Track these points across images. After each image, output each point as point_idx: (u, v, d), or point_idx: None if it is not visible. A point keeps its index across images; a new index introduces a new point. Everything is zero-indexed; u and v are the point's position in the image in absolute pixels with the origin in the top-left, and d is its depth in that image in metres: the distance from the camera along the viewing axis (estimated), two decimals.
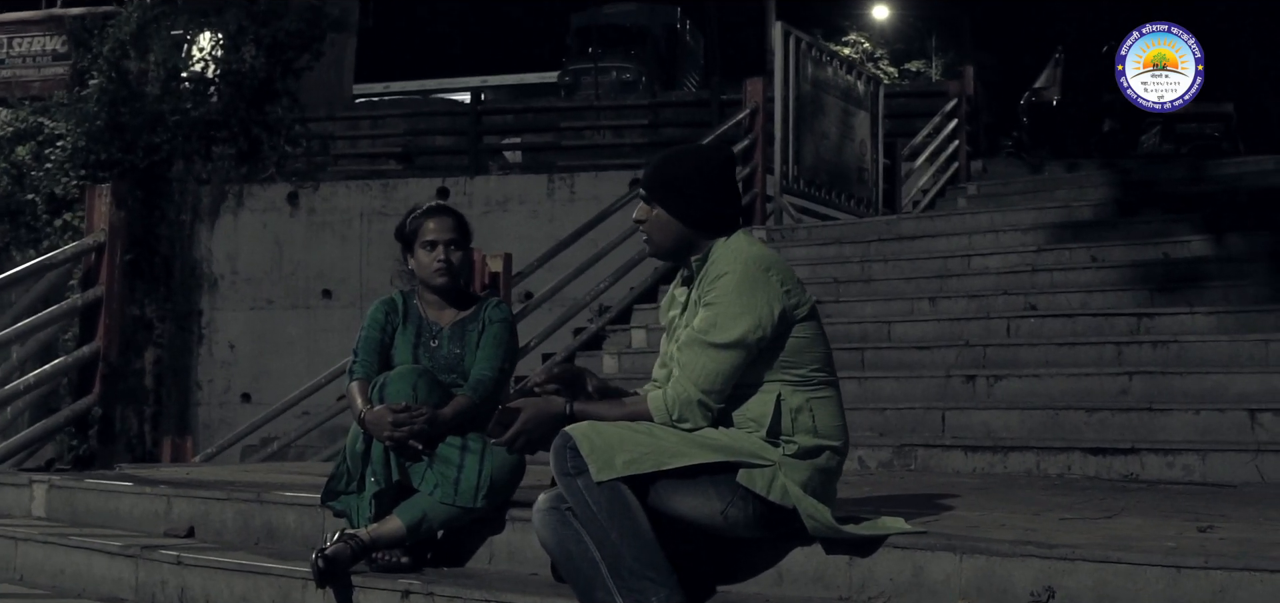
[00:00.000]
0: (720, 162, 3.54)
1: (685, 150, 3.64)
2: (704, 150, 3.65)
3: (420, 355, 4.21)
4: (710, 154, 3.57)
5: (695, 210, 3.43)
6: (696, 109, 16.41)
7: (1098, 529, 3.57)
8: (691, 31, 25.89)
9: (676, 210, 3.45)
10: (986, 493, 4.96)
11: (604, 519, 3.19)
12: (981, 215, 10.20)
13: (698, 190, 3.43)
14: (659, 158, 3.61)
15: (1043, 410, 6.41)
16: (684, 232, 3.46)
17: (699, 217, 3.44)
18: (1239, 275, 7.67)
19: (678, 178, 3.47)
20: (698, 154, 3.58)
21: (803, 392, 3.33)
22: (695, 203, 3.43)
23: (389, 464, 3.92)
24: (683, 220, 3.45)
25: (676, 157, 3.57)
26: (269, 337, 15.40)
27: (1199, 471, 5.63)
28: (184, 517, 4.85)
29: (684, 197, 3.44)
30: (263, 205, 15.50)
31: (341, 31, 16.97)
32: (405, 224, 4.32)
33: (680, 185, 3.45)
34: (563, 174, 15.27)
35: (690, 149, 3.66)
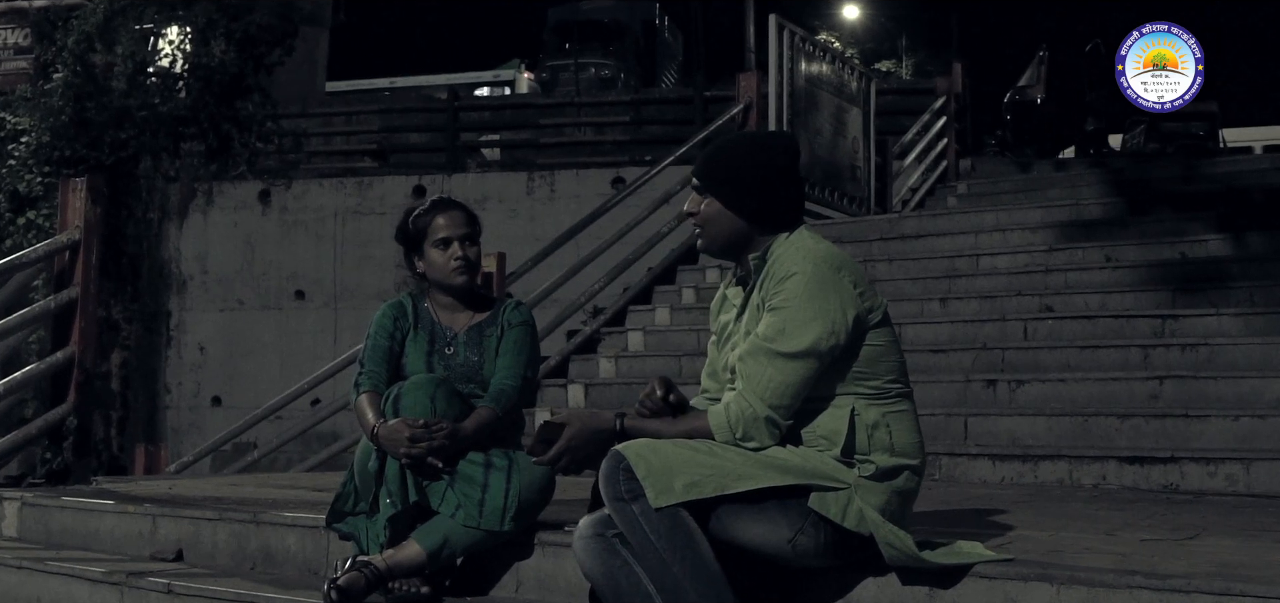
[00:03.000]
0: (783, 149, 3.17)
1: (744, 137, 3.33)
2: (765, 137, 3.33)
3: (434, 364, 3.85)
4: (772, 141, 3.26)
5: (754, 203, 3.09)
6: (680, 106, 16.06)
7: (1190, 554, 3.26)
8: (670, 28, 25.55)
9: (733, 203, 3.11)
10: (1032, 507, 4.65)
11: (664, 550, 2.85)
12: (986, 214, 9.91)
13: (757, 181, 3.09)
14: (714, 145, 3.27)
15: (1071, 417, 6.13)
16: (741, 226, 3.12)
17: (758, 210, 3.09)
18: (1263, 276, 7.42)
19: (736, 167, 3.12)
20: (758, 141, 3.29)
21: (878, 406, 3.00)
22: (754, 195, 3.09)
23: (406, 484, 3.56)
24: (740, 214, 3.11)
25: (734, 144, 3.24)
26: (240, 339, 14.95)
27: (1243, 481, 5.37)
28: (171, 539, 4.47)
29: (742, 188, 3.10)
30: (233, 203, 15.04)
31: (314, 26, 16.53)
32: (408, 224, 3.95)
33: (738, 175, 3.11)
34: (542, 172, 14.90)
35: (749, 135, 3.35)
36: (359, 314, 14.62)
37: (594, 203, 12.29)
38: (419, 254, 3.93)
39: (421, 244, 3.91)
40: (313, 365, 14.32)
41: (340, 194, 14.98)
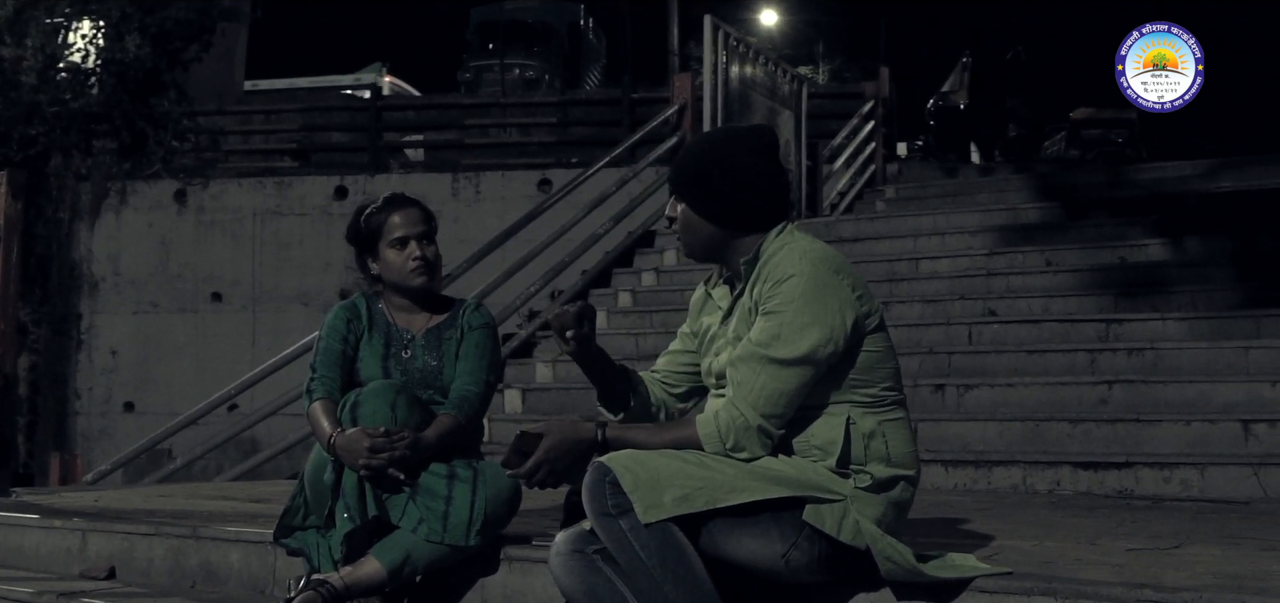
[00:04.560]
0: (751, 148, 2.97)
1: (712, 136, 3.14)
2: (734, 134, 3.11)
3: (391, 368, 3.64)
4: (740, 139, 3.01)
5: (722, 207, 2.92)
6: (607, 107, 15.89)
7: (1185, 564, 3.16)
8: (594, 29, 25.35)
9: (704, 209, 2.95)
10: (995, 515, 4.56)
11: (655, 568, 2.68)
12: (924, 218, 9.88)
13: (728, 184, 2.91)
14: (685, 147, 3.10)
15: (1022, 422, 6.08)
16: (716, 232, 2.96)
17: (729, 213, 2.93)
18: (1203, 280, 7.45)
19: (703, 170, 2.95)
20: (726, 140, 3.03)
21: (874, 414, 2.86)
22: (725, 198, 2.92)
23: (364, 498, 3.35)
24: (712, 220, 2.95)
25: (703, 146, 3.04)
26: (154, 343, 14.48)
27: (1198, 486, 5.36)
28: (103, 555, 4.20)
29: (712, 192, 2.93)
30: (148, 203, 14.56)
31: (232, 22, 16.09)
32: (360, 223, 3.72)
33: (706, 179, 2.94)
34: (468, 173, 14.60)
35: (718, 134, 3.15)
36: (278, 318, 14.27)
37: (520, 204, 12.10)
38: (373, 255, 3.72)
39: (376, 244, 3.70)
40: (230, 370, 13.96)
41: (259, 194, 14.56)
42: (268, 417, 7.89)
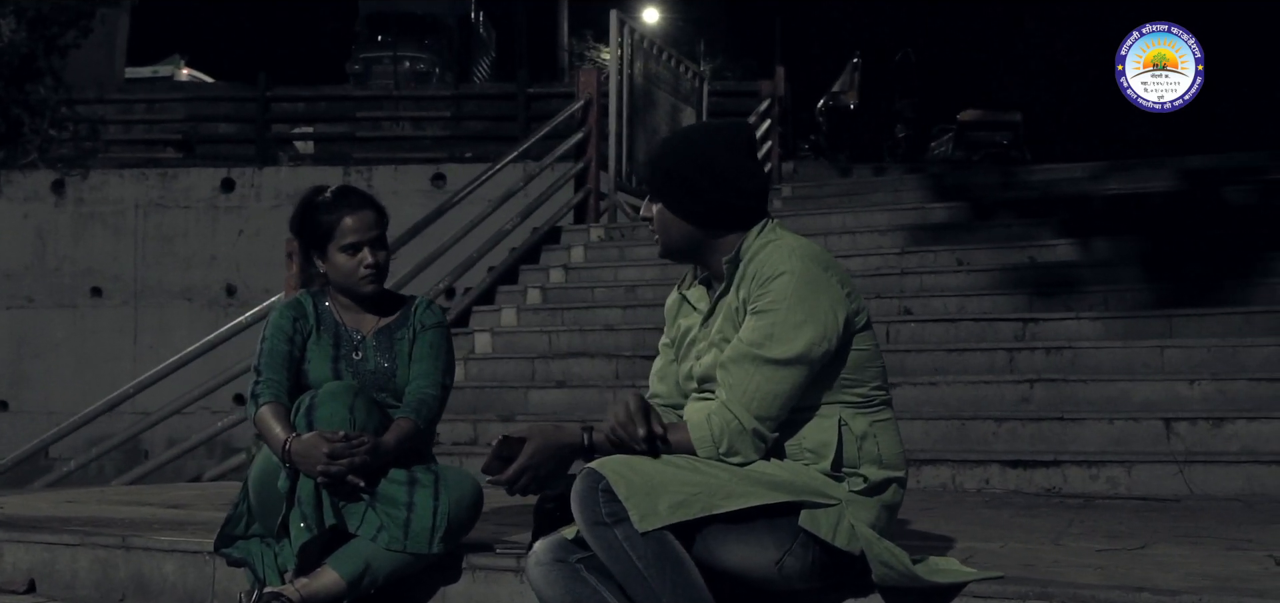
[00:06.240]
0: (730, 143, 2.87)
1: (689, 133, 3.01)
2: (712, 130, 3.00)
3: (342, 370, 3.48)
4: (719, 135, 2.90)
5: (705, 205, 2.82)
6: (502, 102, 15.70)
7: (1165, 566, 3.16)
8: (484, 23, 25.07)
9: (683, 208, 2.84)
10: (935, 514, 4.54)
11: (652, 578, 2.57)
12: (833, 216, 9.92)
13: (707, 182, 2.81)
14: (657, 144, 3.00)
15: (947, 421, 6.10)
16: (693, 232, 2.86)
17: (709, 212, 2.83)
18: (1113, 280, 7.58)
19: (676, 169, 2.84)
20: (704, 137, 2.91)
21: (865, 415, 2.79)
22: (704, 196, 2.82)
23: (321, 506, 3.19)
24: (690, 219, 2.85)
25: (678, 144, 2.92)
26: (30, 339, 13.91)
27: (1125, 483, 5.42)
28: (21, 567, 3.94)
29: (691, 191, 2.82)
30: (23, 194, 13.96)
31: (112, 7, 15.53)
32: (308, 218, 3.53)
33: (680, 178, 2.83)
34: (359, 166, 14.28)
35: (695, 131, 3.02)
36: (161, 314, 13.82)
37: (414, 199, 11.89)
38: (321, 254, 3.53)
39: (325, 245, 3.51)
40: (111, 367, 13.50)
41: (141, 185, 14.06)
42: (169, 417, 7.58)
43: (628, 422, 2.73)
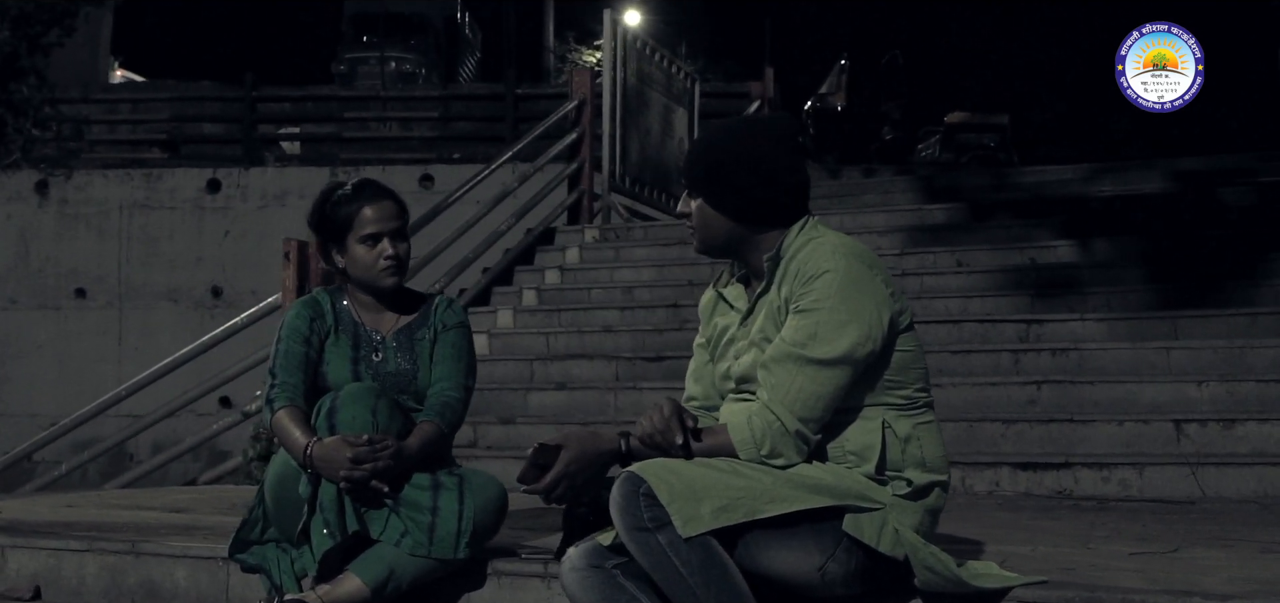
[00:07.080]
0: (772, 137, 2.81)
1: (730, 126, 2.94)
2: (754, 124, 2.95)
3: (361, 371, 3.40)
4: (760, 130, 2.85)
5: (746, 202, 2.76)
6: (491, 103, 15.63)
7: (1206, 569, 3.11)
8: (470, 24, 24.96)
9: (720, 204, 2.78)
10: (954, 517, 4.44)
11: (696, 584, 2.50)
12: (831, 217, 9.84)
13: (749, 178, 2.75)
14: (699, 139, 2.94)
15: (955, 423, 6.02)
16: (734, 229, 2.80)
17: (751, 209, 2.77)
18: (1115, 281, 7.54)
19: (722, 164, 2.78)
20: (746, 131, 2.85)
21: (909, 417, 2.74)
22: (746, 193, 2.76)
23: (344, 511, 3.11)
24: (728, 215, 2.79)
25: (718, 137, 2.87)
26: (13, 341, 13.79)
27: (1137, 486, 5.38)
28: (26, 574, 3.85)
29: (732, 187, 2.76)
30: (7, 195, 13.83)
31: (97, 7, 15.38)
32: (327, 211, 3.44)
33: (726, 173, 2.77)
34: (346, 167, 14.17)
35: (736, 125, 2.95)
36: (146, 316, 13.70)
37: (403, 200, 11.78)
38: (340, 248, 3.45)
39: (344, 237, 3.43)
40: (95, 369, 13.36)
41: (126, 186, 13.94)
42: (165, 418, 7.48)
43: (664, 427, 2.67)
